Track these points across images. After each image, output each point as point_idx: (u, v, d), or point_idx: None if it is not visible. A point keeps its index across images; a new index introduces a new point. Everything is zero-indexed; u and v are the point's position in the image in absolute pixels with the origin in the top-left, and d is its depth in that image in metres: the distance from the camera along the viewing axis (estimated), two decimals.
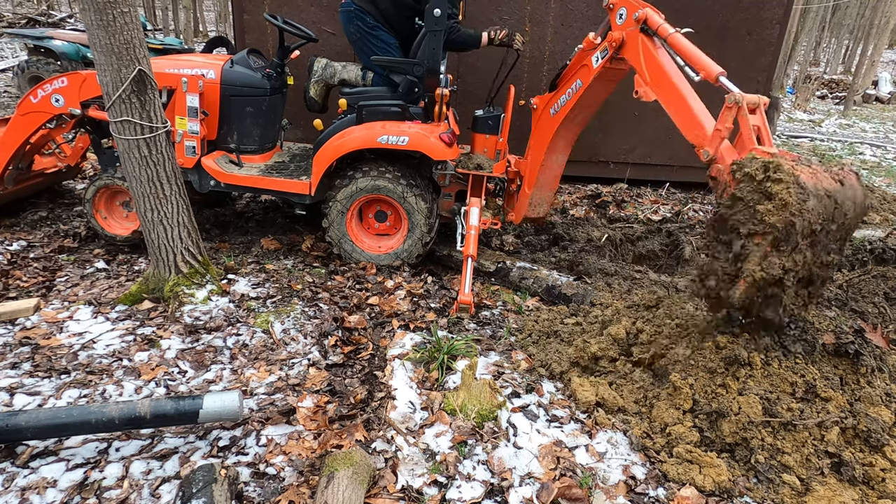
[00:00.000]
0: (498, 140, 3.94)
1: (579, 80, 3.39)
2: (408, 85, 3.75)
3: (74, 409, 2.24)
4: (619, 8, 3.10)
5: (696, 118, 2.76)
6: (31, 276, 3.62)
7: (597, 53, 3.24)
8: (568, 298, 3.62)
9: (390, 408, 2.56)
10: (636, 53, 3.01)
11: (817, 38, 25.68)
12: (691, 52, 2.82)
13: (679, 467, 2.25)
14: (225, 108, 3.90)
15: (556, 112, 3.60)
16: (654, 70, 2.94)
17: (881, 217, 5.65)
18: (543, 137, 3.76)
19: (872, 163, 8.90)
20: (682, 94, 2.84)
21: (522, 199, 3.99)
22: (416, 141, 3.68)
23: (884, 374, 2.61)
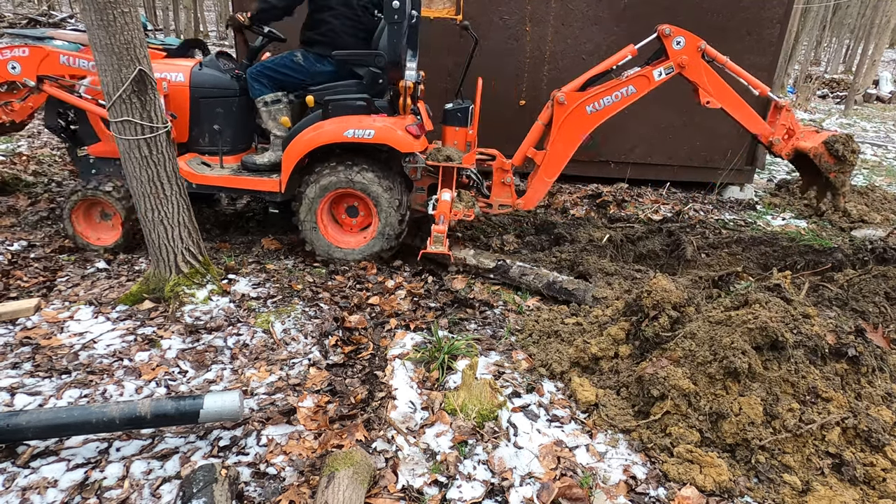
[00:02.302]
0: (468, 132, 4.01)
1: (632, 87, 3.97)
2: (371, 77, 3.77)
3: (75, 409, 2.24)
4: (677, 36, 3.90)
5: (758, 117, 4.05)
6: (32, 276, 3.62)
7: (660, 69, 3.93)
8: (569, 293, 3.62)
9: (391, 408, 2.56)
10: (700, 74, 3.95)
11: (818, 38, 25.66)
12: (746, 75, 4.03)
13: (679, 467, 2.25)
14: (195, 110, 3.93)
15: (597, 111, 3.99)
16: (717, 86, 3.98)
17: (882, 217, 5.64)
18: (578, 131, 4.03)
19: (873, 162, 8.89)
20: (743, 102, 4.01)
21: (540, 187, 4.21)
22: (383, 134, 3.69)
23: (884, 373, 2.61)
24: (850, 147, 3.92)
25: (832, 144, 3.91)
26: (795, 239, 4.88)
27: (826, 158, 3.95)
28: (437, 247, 3.60)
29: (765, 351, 2.48)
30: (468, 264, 3.99)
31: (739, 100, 4.00)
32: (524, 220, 5.24)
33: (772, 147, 4.07)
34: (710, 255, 4.41)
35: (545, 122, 4.14)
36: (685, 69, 3.92)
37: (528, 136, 4.20)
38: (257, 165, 3.96)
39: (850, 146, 3.91)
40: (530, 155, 4.20)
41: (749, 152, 6.43)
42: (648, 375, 2.51)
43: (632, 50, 3.97)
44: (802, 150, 4.00)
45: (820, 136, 4.00)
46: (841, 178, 4.01)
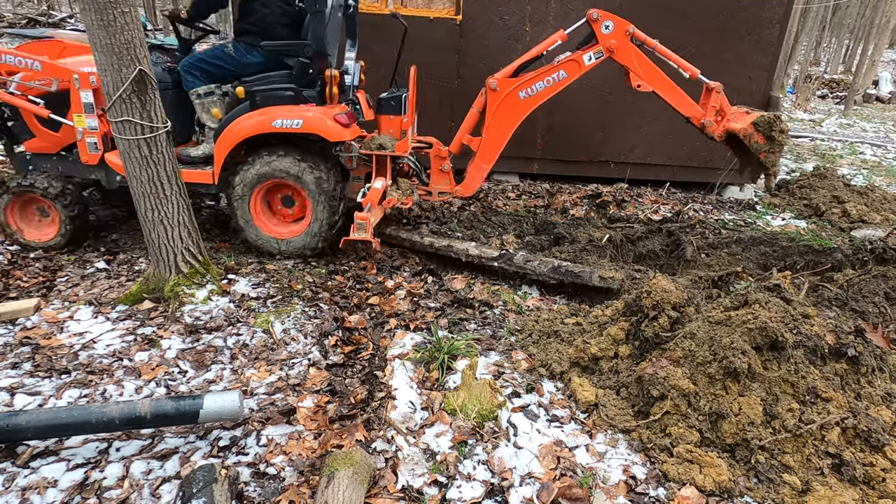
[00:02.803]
0: (402, 120, 4.04)
1: (563, 72, 4.01)
2: (301, 68, 3.78)
3: (75, 409, 2.24)
4: (606, 20, 3.90)
5: (689, 100, 4.09)
6: (32, 276, 3.62)
7: (590, 53, 3.97)
8: (575, 275, 3.63)
9: (390, 408, 2.56)
10: (629, 58, 3.98)
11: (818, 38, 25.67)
12: (676, 58, 4.05)
13: (679, 467, 2.25)
14: None
15: (530, 96, 4.04)
16: (647, 69, 4.02)
17: (881, 217, 5.64)
18: (512, 117, 4.10)
19: (873, 162, 8.89)
20: (674, 85, 4.06)
21: (478, 174, 4.27)
22: (311, 123, 3.70)
23: (884, 374, 2.61)
24: (777, 127, 3.98)
25: (760, 125, 3.98)
26: (795, 239, 4.88)
27: (756, 139, 4.01)
28: (360, 234, 3.61)
29: (764, 351, 2.49)
30: (471, 254, 3.98)
31: (670, 83, 4.04)
32: (524, 220, 5.24)
33: (704, 129, 4.11)
34: (709, 255, 4.41)
35: (479, 109, 4.19)
36: (615, 53, 3.95)
37: (463, 123, 4.25)
38: (192, 158, 3.95)
39: (777, 126, 3.98)
40: (466, 142, 4.25)
41: None
42: (648, 375, 2.51)
43: (561, 35, 4.00)
44: (733, 131, 4.04)
45: (749, 116, 4.06)
46: (771, 157, 4.08)
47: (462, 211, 5.42)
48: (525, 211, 5.58)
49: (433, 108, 6.05)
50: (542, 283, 3.92)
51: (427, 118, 6.09)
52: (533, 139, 6.36)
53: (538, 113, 6.12)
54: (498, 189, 6.24)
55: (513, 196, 6.04)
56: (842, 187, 6.25)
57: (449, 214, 5.27)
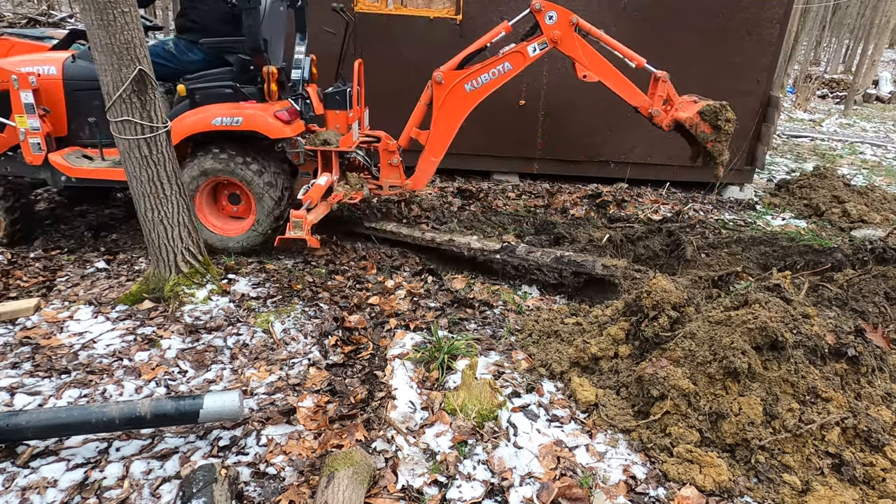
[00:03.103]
0: (348, 115, 4.06)
1: (508, 64, 3.99)
2: (241, 64, 3.79)
3: (75, 408, 2.24)
4: (549, 11, 3.88)
5: (636, 89, 4.05)
6: (32, 276, 3.62)
7: (534, 45, 3.95)
8: (578, 265, 3.64)
9: (390, 407, 2.56)
10: (574, 48, 3.95)
11: (818, 38, 25.66)
12: (622, 48, 4.02)
13: (679, 467, 2.25)
14: (71, 103, 3.89)
15: (476, 88, 4.05)
16: (593, 59, 3.99)
17: (881, 217, 5.64)
18: (459, 110, 4.10)
19: (873, 162, 8.89)
20: (620, 75, 4.03)
21: (428, 167, 4.28)
22: (251, 121, 3.69)
23: (884, 373, 2.61)
24: (723, 116, 3.98)
25: (706, 114, 3.98)
26: (795, 239, 4.88)
27: (702, 128, 4.00)
28: (296, 232, 3.62)
29: (764, 351, 2.48)
30: (473, 248, 3.97)
31: (617, 73, 4.02)
32: (524, 220, 5.24)
33: (652, 119, 4.09)
34: (709, 255, 4.41)
35: (426, 102, 4.20)
36: (559, 44, 3.94)
37: (411, 117, 4.27)
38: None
39: (723, 115, 3.98)
40: (414, 136, 4.27)
41: (749, 152, 6.44)
42: (648, 375, 2.51)
43: (506, 27, 4.01)
44: (680, 120, 4.02)
45: (696, 105, 4.05)
46: (718, 147, 4.07)
47: (462, 211, 5.42)
48: (525, 211, 5.58)
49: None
50: (543, 282, 3.92)
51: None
52: (533, 139, 6.36)
53: (538, 113, 6.18)
54: (498, 189, 6.24)
55: (513, 196, 6.04)
56: (842, 187, 6.25)
57: (449, 214, 5.27)
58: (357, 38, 5.89)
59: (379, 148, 4.30)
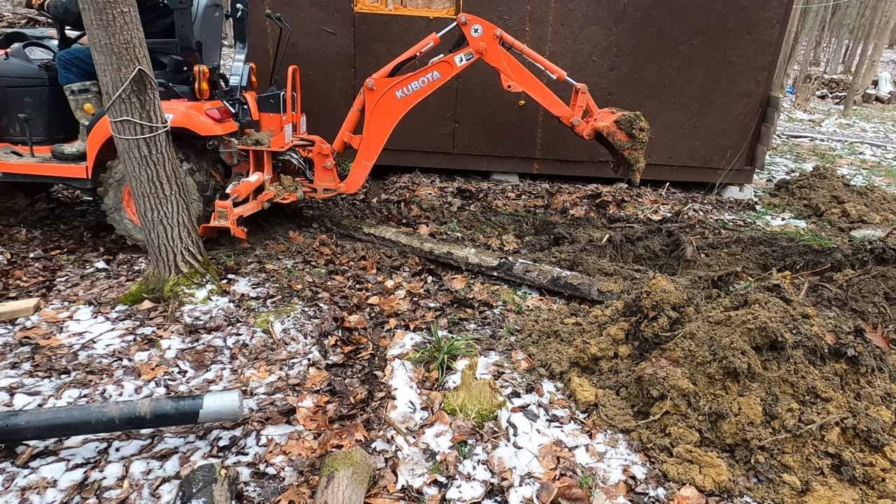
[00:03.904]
0: (282, 118, 4.15)
1: (437, 72, 4.17)
2: (174, 65, 3.84)
3: (74, 408, 2.24)
4: (474, 24, 4.11)
5: (558, 100, 4.31)
6: (31, 276, 3.62)
7: (461, 55, 4.15)
8: (574, 288, 3.64)
9: (390, 408, 2.56)
10: (499, 60, 4.18)
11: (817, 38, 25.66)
12: (543, 60, 4.29)
13: (679, 467, 2.25)
14: (2, 100, 3.94)
15: (406, 95, 4.20)
16: (516, 71, 4.21)
17: (881, 217, 5.65)
18: (390, 115, 4.25)
19: (872, 162, 8.89)
20: (543, 86, 4.28)
21: (361, 170, 4.41)
22: (182, 118, 3.73)
23: (884, 374, 2.61)
24: (637, 125, 4.21)
25: (622, 123, 4.20)
26: (795, 239, 4.88)
27: (619, 136, 4.22)
28: (220, 221, 3.70)
29: (764, 351, 2.49)
30: (471, 263, 3.98)
31: (540, 84, 4.25)
32: (524, 220, 5.24)
33: (574, 128, 4.33)
34: (709, 256, 4.41)
35: (359, 108, 4.29)
36: (484, 55, 4.15)
37: (345, 121, 4.37)
38: (65, 154, 3.95)
39: (637, 125, 4.20)
40: (347, 140, 4.36)
41: (748, 152, 6.44)
42: (648, 375, 2.51)
43: (434, 38, 4.22)
44: (598, 129, 4.27)
45: (613, 116, 4.25)
46: (634, 154, 4.30)
47: (462, 211, 5.42)
48: (525, 211, 5.58)
49: (434, 107, 6.06)
50: None
51: (428, 117, 6.10)
52: (533, 139, 6.37)
53: (538, 113, 6.18)
54: (497, 189, 6.24)
55: (513, 196, 6.04)
56: (841, 187, 6.26)
57: (449, 214, 5.27)
58: (357, 39, 5.90)
59: (313, 152, 4.37)
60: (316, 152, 4.34)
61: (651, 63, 6.09)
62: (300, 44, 5.83)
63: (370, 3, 5.83)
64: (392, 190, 5.98)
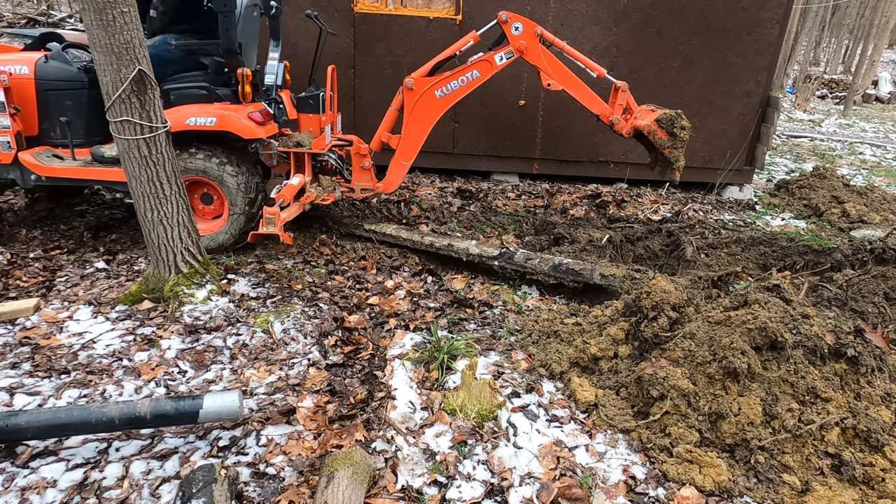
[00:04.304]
0: (321, 118, 4.14)
1: (477, 71, 4.15)
2: (215, 67, 3.84)
3: (74, 409, 2.24)
4: (515, 22, 4.06)
5: (598, 98, 4.28)
6: (31, 276, 3.62)
7: (500, 54, 4.12)
8: (576, 273, 3.64)
9: (390, 408, 2.56)
10: (539, 58, 4.13)
11: (817, 38, 25.67)
12: (583, 58, 4.25)
13: (679, 467, 2.25)
14: (42, 102, 3.91)
15: (445, 95, 4.19)
16: (557, 69, 4.17)
17: (881, 217, 5.65)
18: (429, 115, 4.23)
19: (872, 162, 8.90)
20: (583, 84, 4.23)
21: (399, 170, 4.39)
22: (225, 121, 3.73)
23: (884, 374, 2.61)
24: (679, 124, 4.19)
25: (663, 121, 4.18)
26: (795, 239, 4.88)
27: (659, 135, 4.20)
28: (268, 227, 3.66)
29: (764, 351, 2.49)
30: (471, 254, 3.98)
31: (580, 82, 4.21)
32: (524, 220, 5.24)
33: (613, 126, 4.30)
34: (709, 256, 4.41)
35: (398, 107, 4.28)
36: (525, 53, 4.11)
37: (383, 121, 4.35)
38: (105, 158, 3.93)
39: (679, 123, 4.19)
40: (385, 140, 4.33)
41: (748, 152, 6.44)
42: (648, 376, 2.51)
43: (474, 36, 4.17)
44: (639, 127, 4.24)
45: (654, 114, 4.24)
46: (674, 153, 4.27)
47: (462, 211, 5.43)
48: (525, 211, 5.58)
49: None
50: (542, 283, 3.92)
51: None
52: (533, 139, 6.37)
53: (538, 113, 6.18)
54: (498, 189, 6.24)
55: (513, 196, 6.04)
56: (841, 187, 6.26)
57: (449, 214, 5.27)
58: (357, 39, 5.90)
59: (351, 151, 4.35)
60: (354, 152, 4.31)
61: (651, 63, 6.10)
62: (300, 44, 5.83)
63: (370, 4, 5.83)
64: None
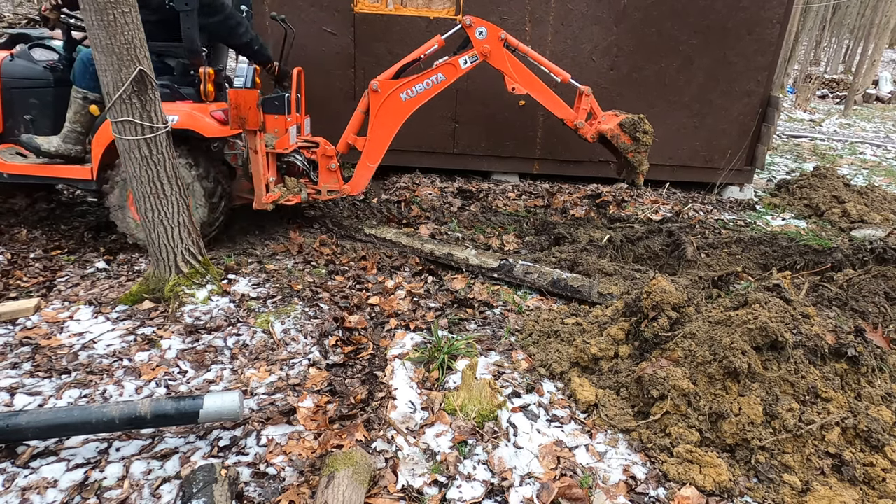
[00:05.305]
0: (286, 119, 4.14)
1: (442, 75, 4.17)
2: (181, 68, 3.86)
3: (75, 409, 2.24)
4: (479, 27, 4.10)
5: (562, 103, 4.29)
6: (32, 276, 3.62)
7: (465, 57, 4.15)
8: (575, 290, 3.64)
9: (390, 408, 2.56)
10: (503, 62, 4.18)
11: (818, 38, 25.66)
12: (548, 63, 4.29)
13: (679, 467, 2.25)
14: (7, 100, 3.93)
15: (411, 97, 4.19)
16: (521, 73, 4.21)
17: (881, 217, 5.64)
18: (394, 117, 4.25)
19: (873, 162, 8.89)
20: (547, 88, 4.25)
21: (365, 172, 4.42)
22: (186, 119, 3.72)
23: (884, 373, 2.61)
24: (641, 128, 4.22)
25: (625, 126, 4.21)
26: (795, 239, 4.88)
27: (622, 139, 4.24)
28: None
29: (764, 351, 2.49)
30: (471, 264, 3.99)
31: (544, 86, 4.24)
32: (524, 220, 5.24)
33: (578, 131, 4.34)
34: (709, 256, 4.41)
35: (364, 110, 4.29)
36: (489, 57, 4.14)
37: (349, 123, 4.36)
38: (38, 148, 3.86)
39: (641, 128, 4.22)
40: (351, 142, 4.35)
41: (749, 152, 6.44)
42: (648, 376, 2.51)
43: (439, 40, 4.22)
44: (602, 132, 4.27)
45: (618, 118, 4.26)
46: (638, 157, 4.31)
47: (462, 211, 5.43)
48: (525, 211, 5.58)
49: (434, 107, 6.05)
50: None
51: (429, 118, 6.10)
52: (533, 139, 6.37)
53: (538, 113, 6.18)
54: (498, 189, 6.24)
55: (513, 196, 6.04)
56: (842, 187, 6.26)
57: (449, 214, 5.27)
58: (357, 39, 5.90)
59: (318, 153, 4.35)
60: (320, 154, 4.33)
61: (651, 63, 6.09)
62: (300, 44, 5.83)
63: (370, 4, 5.83)
64: (392, 190, 5.98)
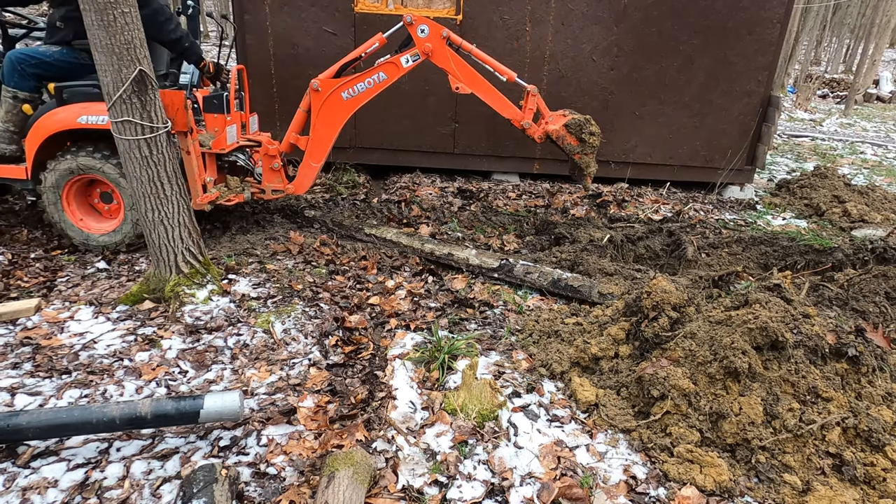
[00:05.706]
0: (226, 118, 4.10)
1: (383, 74, 4.09)
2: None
3: (75, 409, 2.24)
4: (420, 25, 3.99)
5: (508, 103, 4.15)
6: (32, 276, 3.62)
7: (407, 56, 4.05)
8: (575, 290, 3.64)
9: (391, 408, 2.56)
10: (446, 61, 4.06)
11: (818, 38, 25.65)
12: (493, 62, 4.13)
13: (680, 467, 2.25)
14: None
15: (352, 97, 4.13)
16: (465, 72, 4.08)
17: (882, 216, 5.64)
18: (336, 116, 4.18)
19: (873, 162, 8.88)
20: (493, 88, 4.12)
21: (309, 172, 4.35)
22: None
23: (885, 373, 2.61)
24: (587, 130, 4.13)
25: (571, 127, 4.12)
26: (795, 239, 4.88)
27: (568, 140, 4.15)
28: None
29: (765, 351, 2.48)
30: (471, 264, 3.98)
31: (489, 86, 4.12)
32: (524, 220, 5.24)
33: (525, 131, 4.22)
34: (710, 255, 4.41)
35: (305, 109, 4.25)
36: (431, 56, 4.05)
37: (291, 123, 4.31)
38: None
39: (587, 129, 4.12)
40: (293, 141, 4.31)
41: (749, 152, 6.44)
42: (648, 375, 2.51)
43: (381, 38, 4.12)
44: (549, 133, 4.18)
45: (564, 119, 4.18)
46: (585, 158, 4.23)
47: (462, 211, 5.42)
48: (525, 211, 5.58)
49: (435, 107, 6.06)
50: None
51: (428, 118, 6.10)
52: (533, 139, 6.36)
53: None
54: (498, 189, 6.24)
55: (513, 196, 6.04)
56: (842, 187, 6.25)
57: (449, 214, 5.27)
58: (357, 39, 5.90)
59: (260, 152, 4.32)
60: (262, 153, 4.29)
61: (651, 63, 6.09)
62: (300, 44, 5.84)
63: (371, 4, 5.83)
64: (393, 190, 5.98)
